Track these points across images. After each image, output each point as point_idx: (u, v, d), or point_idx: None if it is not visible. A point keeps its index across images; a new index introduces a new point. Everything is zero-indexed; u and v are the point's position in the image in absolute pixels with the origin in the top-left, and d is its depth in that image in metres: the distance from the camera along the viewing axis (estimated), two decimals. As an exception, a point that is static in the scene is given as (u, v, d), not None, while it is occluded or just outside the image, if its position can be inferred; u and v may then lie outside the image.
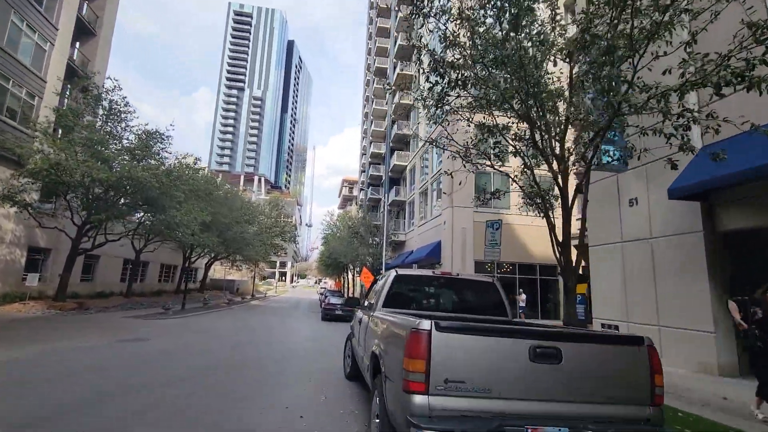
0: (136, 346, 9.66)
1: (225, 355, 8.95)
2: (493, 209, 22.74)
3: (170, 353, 8.91)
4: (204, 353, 9.10)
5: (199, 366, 7.65)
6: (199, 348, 9.91)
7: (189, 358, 8.35)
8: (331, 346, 11.01)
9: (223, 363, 8.10)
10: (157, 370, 7.07)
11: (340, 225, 40.55)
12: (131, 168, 14.66)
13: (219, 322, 17.33)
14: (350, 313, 22.58)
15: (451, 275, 5.26)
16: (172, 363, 7.81)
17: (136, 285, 29.57)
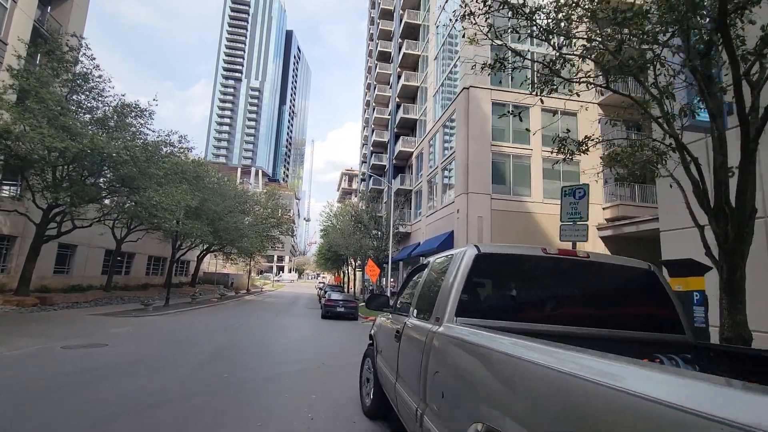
0: (79, 355, 7.41)
1: (188, 373, 6.54)
2: (513, 196, 20.56)
3: (115, 368, 6.64)
4: (162, 369, 6.75)
5: (141, 394, 5.21)
6: (160, 359, 7.61)
7: (137, 378, 6.05)
8: (337, 357, 8.78)
9: (182, 387, 5.67)
10: (65, 402, 4.72)
11: (340, 216, 38.27)
12: (95, 138, 12.27)
13: (202, 321, 15.08)
14: (353, 310, 20.46)
15: (578, 256, 3.00)
16: (105, 387, 5.44)
17: (120, 278, 27.34)
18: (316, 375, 7.00)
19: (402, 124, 33.58)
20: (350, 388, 5.99)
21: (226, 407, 4.88)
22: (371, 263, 19.16)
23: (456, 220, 20.47)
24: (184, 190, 17.06)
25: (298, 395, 5.62)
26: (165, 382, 5.91)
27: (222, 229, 28.52)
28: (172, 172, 17.42)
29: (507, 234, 19.82)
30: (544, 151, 21.09)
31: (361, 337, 12.64)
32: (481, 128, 20.51)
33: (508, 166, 20.87)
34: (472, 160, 20.10)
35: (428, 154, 27.36)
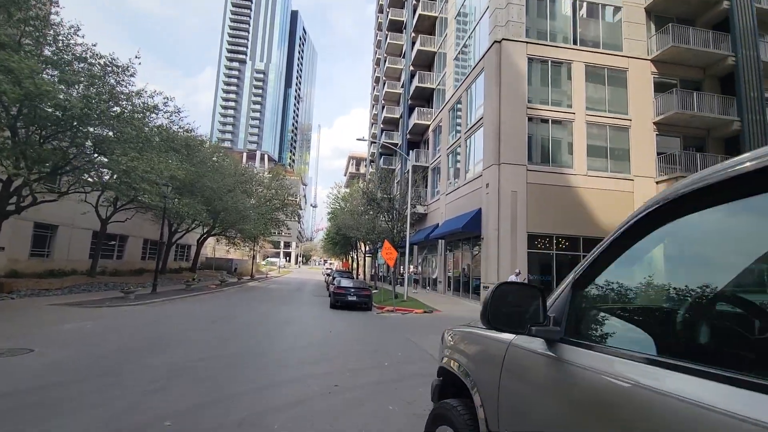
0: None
1: (114, 412, 3.98)
2: (552, 167, 17.67)
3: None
4: (63, 410, 4.09)
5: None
6: (86, 381, 5.01)
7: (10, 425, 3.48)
8: (356, 373, 6.18)
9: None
10: None
11: (349, 198, 35.57)
12: (40, 84, 9.56)
13: (188, 312, 12.62)
14: (366, 299, 17.92)
15: None
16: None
17: (111, 263, 25.11)
18: (325, 410, 4.39)
19: (417, 94, 30.52)
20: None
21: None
22: (388, 245, 16.53)
23: (485, 196, 17.69)
24: (168, 159, 14.43)
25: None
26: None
27: (221, 209, 26.08)
28: (156, 139, 14.79)
29: (545, 212, 17.03)
30: (589, 114, 18.12)
31: (381, 333, 10.07)
32: (515, 88, 17.53)
33: (547, 133, 17.92)
34: (504, 125, 17.18)
35: (448, 125, 24.40)
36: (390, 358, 7.06)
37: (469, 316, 14.33)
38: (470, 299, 19.17)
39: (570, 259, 17.32)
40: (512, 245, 16.55)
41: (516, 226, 16.70)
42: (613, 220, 17.45)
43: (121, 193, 14.81)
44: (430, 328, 11.55)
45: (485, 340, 2.15)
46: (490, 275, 16.64)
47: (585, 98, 18.14)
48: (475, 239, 19.21)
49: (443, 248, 23.71)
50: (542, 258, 17.14)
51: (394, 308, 15.81)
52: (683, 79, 19.11)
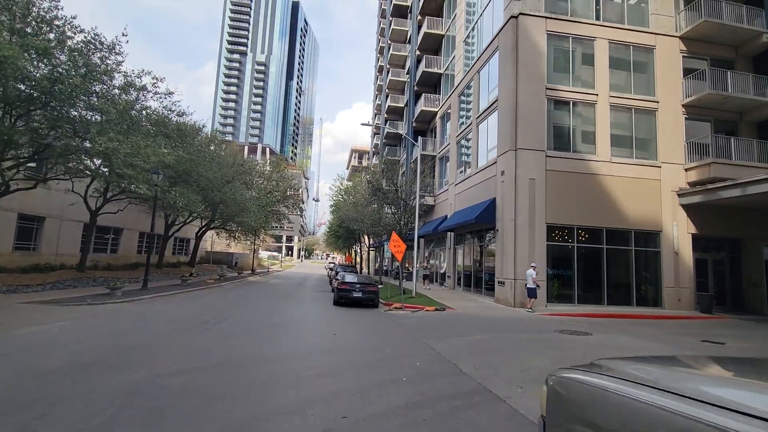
0: None
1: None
2: (573, 153, 16.35)
3: None
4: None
5: None
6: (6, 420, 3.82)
7: None
8: (374, 392, 4.93)
9: None
10: None
11: (352, 191, 34.29)
12: (1, 46, 8.28)
13: (177, 312, 11.47)
14: (373, 296, 16.69)
15: None
16: None
17: (105, 257, 24.05)
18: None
19: (423, 80, 29.10)
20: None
21: None
22: (396, 237, 15.28)
23: (500, 184, 16.40)
24: (156, 144, 13.19)
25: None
26: None
27: (219, 201, 24.89)
28: (143, 122, 13.53)
29: (565, 201, 15.75)
30: (613, 96, 16.74)
31: (392, 335, 8.88)
32: (533, 68, 16.15)
33: (568, 116, 16.56)
34: (522, 108, 15.84)
35: (458, 111, 23.04)
36: (407, 369, 5.87)
37: (487, 314, 13.14)
38: (483, 295, 17.97)
39: (592, 252, 16.05)
40: (530, 237, 15.29)
41: (534, 217, 15.42)
42: (639, 210, 16.17)
43: (103, 179, 13.58)
44: (444, 328, 10.37)
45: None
46: (506, 270, 15.42)
47: (608, 79, 16.75)
48: (488, 231, 17.96)
49: (452, 241, 22.48)
50: (562, 251, 15.88)
51: (403, 305, 14.64)
52: (714, 59, 17.67)
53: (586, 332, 9.76)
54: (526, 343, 8.29)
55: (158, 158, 12.57)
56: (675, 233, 16.30)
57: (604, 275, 15.91)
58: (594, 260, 16.10)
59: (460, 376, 5.60)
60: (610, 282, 15.98)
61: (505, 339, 8.72)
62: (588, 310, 14.74)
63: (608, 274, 15.97)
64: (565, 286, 15.79)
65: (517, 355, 7.03)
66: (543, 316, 13.24)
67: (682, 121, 17.14)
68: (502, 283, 15.65)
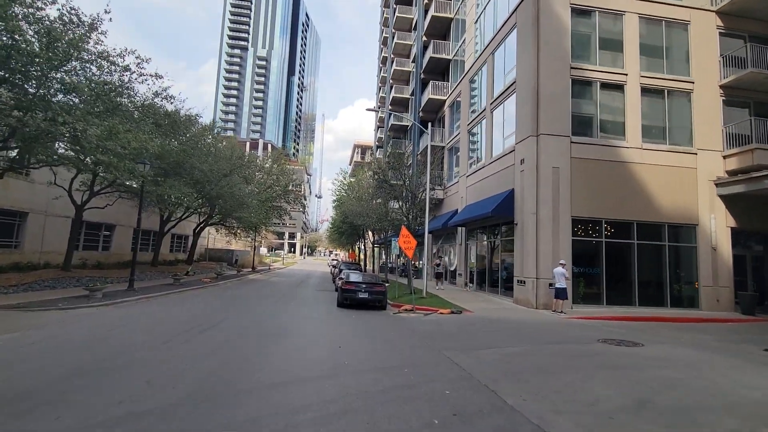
0: None
1: None
2: (601, 139, 14.85)
3: None
4: None
5: None
6: None
7: None
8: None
9: None
10: None
11: (356, 186, 32.85)
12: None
13: (160, 318, 10.13)
14: (380, 296, 13.24)
15: None
16: None
17: (96, 254, 22.79)
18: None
19: (430, 67, 27.56)
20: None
21: None
22: (406, 232, 13.85)
23: (519, 174, 14.93)
24: (140, 129, 11.78)
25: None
26: None
27: (216, 195, 23.55)
28: (125, 102, 12.13)
29: (592, 192, 14.28)
30: (645, 76, 15.20)
31: (407, 347, 7.48)
32: (556, 45, 14.63)
33: (594, 98, 15.05)
34: (544, 89, 14.34)
35: (469, 98, 21.53)
36: (436, 404, 4.47)
37: (509, 318, 11.40)
38: (499, 295, 16.54)
39: (621, 248, 14.58)
40: (554, 231, 13.84)
41: (558, 209, 13.96)
42: (673, 201, 14.67)
43: (73, 164, 12.19)
44: (465, 335, 8.96)
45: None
46: (527, 267, 13.98)
47: (639, 57, 15.20)
48: (505, 225, 16.51)
49: (463, 237, 21.04)
50: (588, 247, 14.42)
51: (414, 307, 13.24)
52: (753, 35, 16.07)
53: (634, 342, 8.32)
54: (571, 358, 6.88)
55: (140, 144, 11.19)
56: (712, 227, 14.79)
57: (635, 273, 14.44)
58: (623, 257, 14.63)
59: (509, 414, 4.20)
60: (641, 281, 14.51)
61: (543, 353, 7.30)
62: (619, 312, 13.30)
63: (639, 271, 14.51)
64: (591, 285, 14.34)
65: (569, 378, 5.63)
66: (572, 320, 11.81)
67: (720, 103, 15.59)
68: (523, 282, 14.23)
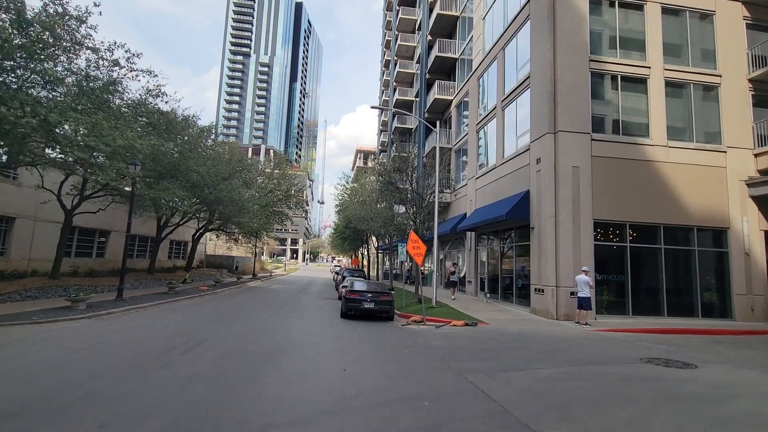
0: None
1: None
2: (623, 136, 13.85)
3: None
4: None
5: None
6: None
7: None
8: None
9: None
10: None
11: (360, 189, 31.92)
12: None
13: (141, 334, 9.14)
14: (387, 306, 11.18)
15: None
16: None
17: (90, 261, 21.88)
18: None
19: (436, 67, 26.71)
20: None
21: None
22: (415, 237, 12.82)
23: (535, 174, 13.93)
24: (128, 126, 10.88)
25: None
26: None
27: (214, 199, 22.64)
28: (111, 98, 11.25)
29: (615, 193, 13.25)
30: (669, 69, 14.23)
31: (422, 367, 6.44)
32: (574, 35, 13.71)
33: (615, 93, 14.07)
34: (561, 84, 13.39)
35: (477, 96, 20.61)
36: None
37: (530, 331, 10.13)
38: (514, 304, 15.45)
39: (647, 253, 13.51)
40: (574, 236, 12.80)
41: (579, 212, 12.93)
42: (702, 203, 13.61)
43: (53, 164, 11.25)
44: (486, 353, 7.90)
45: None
46: (545, 275, 12.93)
47: (662, 49, 14.25)
48: (519, 229, 15.48)
49: (473, 242, 20.00)
50: (612, 252, 13.36)
51: (424, 318, 12.19)
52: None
53: (684, 362, 7.24)
54: (619, 385, 5.82)
55: (127, 142, 10.29)
56: (745, 230, 13.72)
57: (662, 281, 13.35)
58: (649, 263, 13.55)
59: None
60: (669, 289, 13.42)
61: (583, 377, 6.25)
62: (647, 323, 12.20)
63: (666, 279, 13.42)
64: (616, 293, 13.26)
65: (626, 413, 4.59)
66: (599, 333, 10.72)
67: (749, 98, 14.59)
68: (541, 290, 13.16)
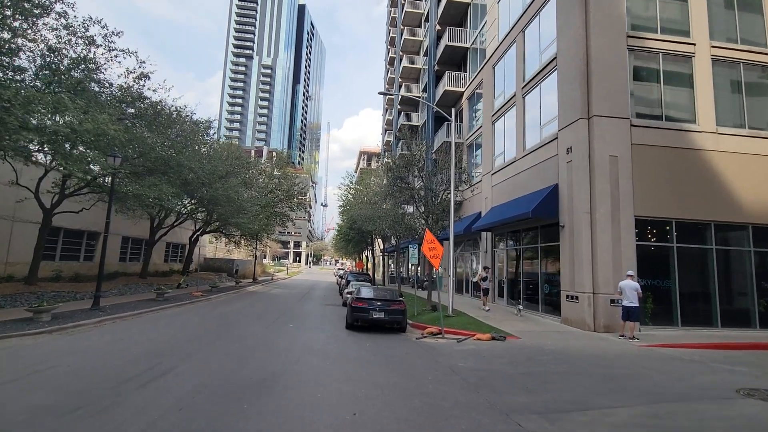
0: None
1: None
2: (666, 122, 12.21)
3: None
4: None
5: None
6: None
7: None
8: None
9: None
10: None
11: (365, 189, 30.35)
12: None
13: (100, 356, 7.59)
14: (399, 317, 8.71)
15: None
16: None
17: (77, 265, 20.41)
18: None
19: (446, 58, 25.16)
20: None
21: None
22: (431, 237, 11.18)
23: (564, 165, 12.30)
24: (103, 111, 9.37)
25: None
26: None
27: (209, 199, 21.16)
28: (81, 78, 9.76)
29: (659, 185, 11.60)
30: (716, 47, 12.60)
31: (460, 413, 4.79)
32: (610, 8, 12.11)
33: (657, 73, 12.43)
34: (596, 62, 11.78)
35: (492, 85, 19.02)
36: None
37: (573, 348, 8.05)
38: (540, 312, 13.76)
39: (696, 255, 11.83)
40: (614, 235, 11.15)
41: (618, 207, 11.28)
42: (758, 196, 11.90)
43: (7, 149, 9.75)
44: (533, 381, 6.22)
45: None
46: (579, 280, 11.27)
47: (708, 23, 12.63)
48: (545, 228, 13.83)
49: (489, 243, 18.35)
50: (656, 254, 11.70)
51: (442, 330, 10.54)
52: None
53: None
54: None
55: (96, 126, 8.79)
56: (807, 228, 12.01)
57: (714, 286, 11.66)
58: (699, 265, 11.86)
59: None
60: (721, 295, 11.72)
61: (678, 422, 4.61)
62: (700, 335, 10.50)
63: (719, 284, 11.72)
64: (661, 301, 11.56)
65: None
66: (653, 350, 9.04)
67: (810, 76, 12.91)
68: (574, 298, 11.50)
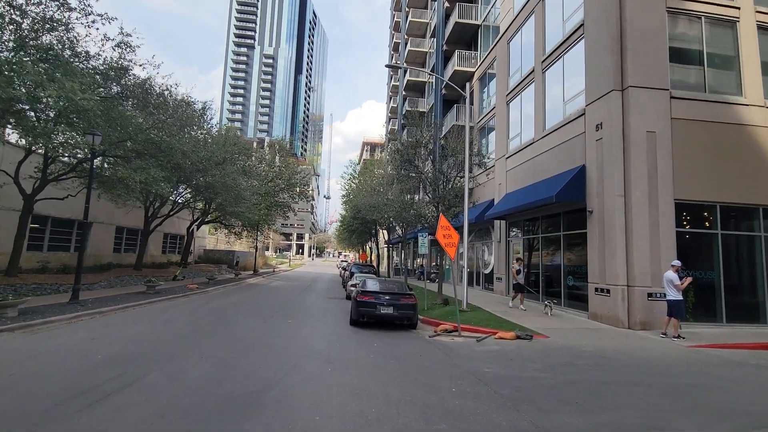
0: None
1: None
2: (709, 94, 10.88)
3: None
4: None
5: None
6: None
7: None
8: None
9: None
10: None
11: (368, 176, 29.09)
12: None
13: (65, 360, 6.48)
14: (410, 312, 5.81)
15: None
16: None
17: (68, 255, 19.41)
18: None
19: (455, 37, 23.71)
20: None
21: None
22: (445, 223, 9.93)
23: (593, 144, 11.02)
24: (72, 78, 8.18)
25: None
26: None
27: (204, 186, 20.03)
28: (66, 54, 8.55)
29: (701, 166, 10.32)
30: (761, 12, 11.21)
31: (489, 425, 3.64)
32: (646, -34, 10.72)
33: (699, 40, 11.07)
34: (631, 26, 10.44)
35: (507, 62, 17.63)
36: None
37: (610, 347, 6.70)
38: (563, 307, 12.57)
39: (742, 243, 10.58)
40: (651, 221, 9.91)
41: (656, 190, 10.03)
42: (813, 178, 10.59)
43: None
44: (578, 393, 5.04)
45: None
46: (611, 271, 10.07)
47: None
48: (568, 215, 12.60)
49: (503, 232, 17.13)
50: (699, 241, 10.47)
51: (458, 327, 9.40)
52: None
53: None
54: None
55: (63, 94, 7.63)
56: None
57: (763, 278, 10.43)
58: (745, 255, 10.63)
59: None
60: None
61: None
62: (750, 333, 9.30)
63: (767, 275, 10.49)
64: (703, 294, 10.34)
65: None
66: (705, 351, 7.85)
67: None
68: (605, 291, 10.31)
